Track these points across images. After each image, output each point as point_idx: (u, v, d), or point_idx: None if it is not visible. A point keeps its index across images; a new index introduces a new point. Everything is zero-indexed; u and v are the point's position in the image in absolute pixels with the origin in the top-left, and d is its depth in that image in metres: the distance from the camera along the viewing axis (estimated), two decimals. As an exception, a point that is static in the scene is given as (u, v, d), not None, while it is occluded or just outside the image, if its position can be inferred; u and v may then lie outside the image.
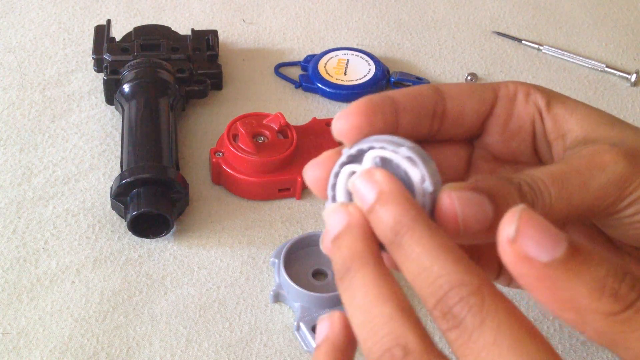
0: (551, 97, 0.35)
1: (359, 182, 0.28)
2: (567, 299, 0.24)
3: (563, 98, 0.35)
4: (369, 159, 0.29)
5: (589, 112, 0.35)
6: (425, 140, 0.34)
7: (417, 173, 0.27)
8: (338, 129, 0.31)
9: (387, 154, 0.28)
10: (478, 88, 0.34)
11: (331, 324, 0.28)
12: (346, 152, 0.30)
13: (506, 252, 0.24)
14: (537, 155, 0.36)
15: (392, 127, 0.31)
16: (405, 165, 0.28)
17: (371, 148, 0.29)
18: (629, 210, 0.31)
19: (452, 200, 0.27)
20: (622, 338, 0.24)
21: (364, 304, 0.26)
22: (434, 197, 0.27)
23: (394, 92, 0.32)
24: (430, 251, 0.25)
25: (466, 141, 0.36)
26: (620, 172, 0.30)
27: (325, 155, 0.31)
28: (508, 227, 0.24)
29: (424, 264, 0.25)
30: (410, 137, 0.30)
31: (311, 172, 0.31)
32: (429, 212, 0.27)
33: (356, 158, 0.29)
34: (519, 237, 0.24)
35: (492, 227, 0.26)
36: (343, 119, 0.31)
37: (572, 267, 0.24)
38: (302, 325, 0.45)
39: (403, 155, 0.28)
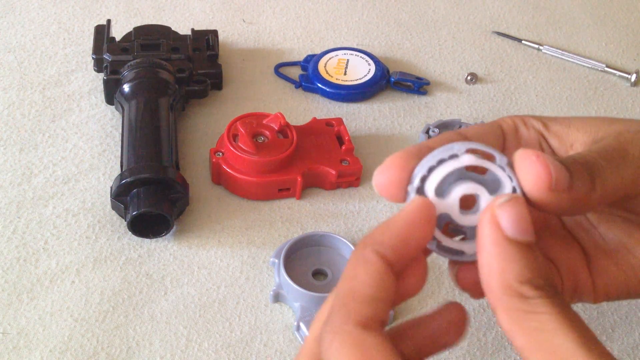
0: (545, 119, 0.37)
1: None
2: (497, 270, 0.28)
3: (554, 118, 0.37)
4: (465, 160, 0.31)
5: (584, 120, 0.36)
6: None
7: (509, 183, 0.31)
8: (379, 184, 0.32)
9: (483, 163, 0.31)
10: (488, 127, 0.36)
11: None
12: (434, 157, 0.31)
13: (487, 213, 0.29)
14: None
15: None
16: (500, 174, 0.31)
17: (465, 151, 0.31)
18: None
19: (544, 159, 0.30)
20: (514, 329, 0.28)
21: None
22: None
23: (428, 142, 0.33)
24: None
25: None
26: None
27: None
28: (501, 198, 0.29)
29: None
30: None
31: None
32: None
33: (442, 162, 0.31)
34: (503, 208, 0.29)
35: (570, 194, 0.30)
36: (382, 173, 0.32)
37: (517, 252, 0.29)
38: (302, 325, 0.45)
39: (498, 165, 0.31)
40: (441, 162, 0.31)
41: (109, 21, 0.63)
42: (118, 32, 0.64)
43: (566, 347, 0.27)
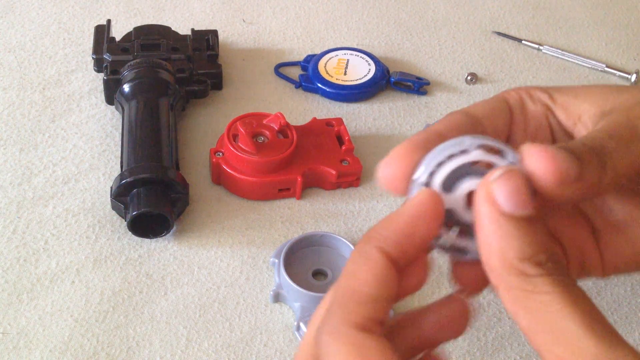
0: (551, 90, 0.36)
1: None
2: (497, 248, 0.27)
3: (560, 88, 0.36)
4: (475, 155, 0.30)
5: (591, 89, 0.35)
6: None
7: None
8: (384, 177, 0.31)
9: (494, 160, 0.30)
10: (494, 102, 0.35)
11: None
12: (442, 152, 0.30)
13: (482, 190, 0.28)
14: None
15: None
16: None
17: (476, 147, 0.30)
18: None
19: (552, 153, 0.28)
20: (517, 309, 0.27)
21: None
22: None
23: (436, 127, 0.32)
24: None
25: None
26: None
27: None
28: (495, 172, 0.28)
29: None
30: None
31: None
32: None
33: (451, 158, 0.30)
34: (497, 183, 0.28)
35: (581, 183, 0.29)
36: (387, 166, 0.31)
37: (516, 228, 0.27)
38: (302, 325, 0.45)
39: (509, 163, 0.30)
40: (451, 157, 0.30)
41: (109, 21, 0.63)
42: (118, 32, 0.64)
43: (570, 328, 0.26)
